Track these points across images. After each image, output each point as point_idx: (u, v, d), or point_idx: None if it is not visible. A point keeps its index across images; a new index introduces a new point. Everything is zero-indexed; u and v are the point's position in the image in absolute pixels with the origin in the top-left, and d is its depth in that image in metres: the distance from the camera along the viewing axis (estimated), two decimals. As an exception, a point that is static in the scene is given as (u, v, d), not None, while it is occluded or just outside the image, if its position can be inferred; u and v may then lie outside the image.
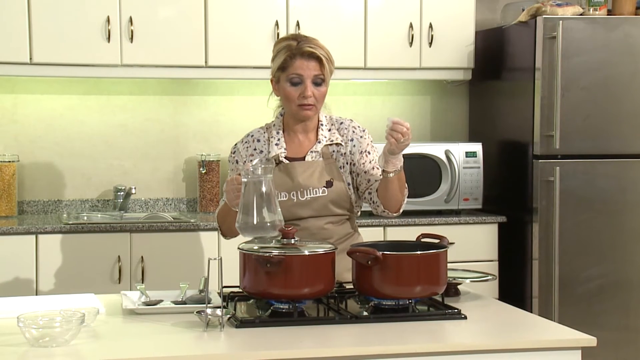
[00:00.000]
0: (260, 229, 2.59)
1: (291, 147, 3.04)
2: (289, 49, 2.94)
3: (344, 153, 3.04)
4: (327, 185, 2.99)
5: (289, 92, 2.96)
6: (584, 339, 2.43)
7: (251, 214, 2.58)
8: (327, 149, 3.03)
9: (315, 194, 2.98)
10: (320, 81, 2.96)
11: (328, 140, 3.03)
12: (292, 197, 2.97)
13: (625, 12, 4.66)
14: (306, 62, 2.93)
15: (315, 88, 2.95)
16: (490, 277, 2.98)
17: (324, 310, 2.64)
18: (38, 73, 4.46)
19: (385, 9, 4.75)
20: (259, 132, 3.09)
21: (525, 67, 4.63)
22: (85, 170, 4.82)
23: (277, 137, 3.04)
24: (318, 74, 2.94)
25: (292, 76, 2.94)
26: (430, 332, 2.49)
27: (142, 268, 4.28)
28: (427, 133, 5.23)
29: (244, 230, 2.63)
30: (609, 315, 4.58)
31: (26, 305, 2.68)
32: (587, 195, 4.56)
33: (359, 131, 3.07)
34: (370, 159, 3.05)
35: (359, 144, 3.05)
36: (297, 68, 2.93)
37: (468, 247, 4.58)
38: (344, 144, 3.04)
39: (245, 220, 2.60)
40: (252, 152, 3.05)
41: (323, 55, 2.94)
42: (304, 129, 3.04)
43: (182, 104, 4.92)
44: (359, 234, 3.14)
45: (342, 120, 3.09)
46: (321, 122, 3.06)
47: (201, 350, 2.34)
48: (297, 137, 3.05)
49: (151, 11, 4.48)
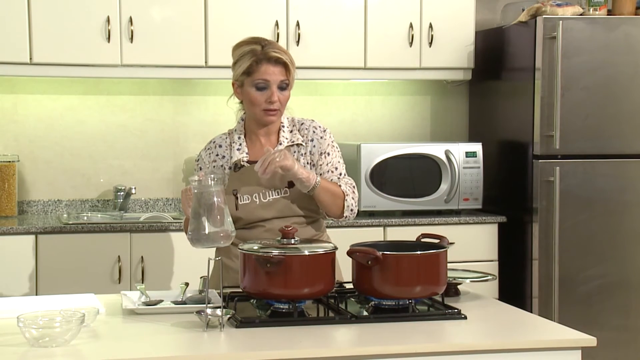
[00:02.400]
0: (208, 240, 2.55)
1: (253, 150, 3.04)
2: (254, 54, 2.94)
3: (304, 153, 3.04)
4: (289, 186, 2.98)
5: (255, 97, 2.96)
6: (584, 339, 2.43)
7: (200, 225, 2.55)
8: (288, 150, 3.02)
9: (277, 195, 2.99)
10: (285, 86, 2.97)
11: (289, 142, 3.03)
12: (254, 200, 2.98)
13: (625, 12, 4.66)
14: (272, 67, 2.93)
15: (280, 93, 2.96)
16: (490, 277, 2.98)
17: (324, 310, 2.65)
18: (38, 73, 4.46)
19: (385, 9, 4.75)
20: (220, 138, 3.10)
21: (525, 67, 4.63)
22: (85, 170, 4.82)
23: (239, 142, 3.04)
24: (284, 78, 2.95)
25: (258, 81, 2.94)
26: (430, 332, 2.49)
27: (142, 268, 4.28)
28: (427, 133, 5.23)
29: (193, 241, 2.58)
30: (609, 315, 4.58)
31: (26, 305, 2.68)
32: (587, 195, 4.56)
33: (319, 131, 3.07)
34: (328, 161, 3.05)
35: (318, 144, 3.05)
36: (263, 73, 2.93)
37: (468, 247, 4.58)
38: (304, 144, 3.04)
39: (194, 231, 2.56)
40: (214, 158, 3.06)
41: (288, 60, 2.95)
42: (265, 132, 3.05)
43: (182, 104, 4.92)
44: (327, 235, 3.14)
45: (303, 121, 3.09)
46: (282, 124, 3.06)
47: (201, 350, 2.34)
48: (258, 140, 3.05)
49: (151, 11, 4.48)
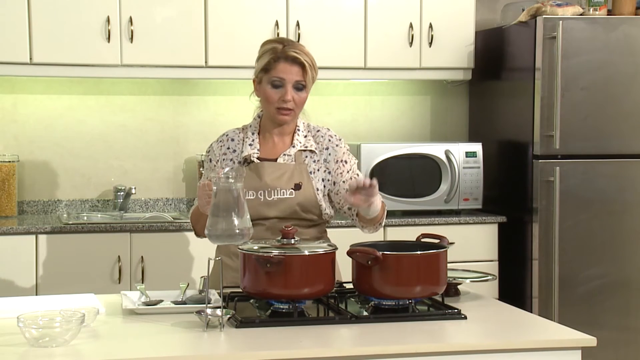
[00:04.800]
0: (228, 236, 2.54)
1: (265, 148, 3.05)
2: (274, 52, 2.96)
3: (316, 160, 3.03)
4: (296, 188, 2.98)
5: (269, 94, 2.97)
6: (584, 339, 2.43)
7: (220, 221, 2.53)
8: (300, 154, 3.02)
9: (282, 195, 2.98)
10: (301, 87, 2.97)
11: (302, 146, 3.03)
12: (259, 197, 2.97)
13: (625, 12, 4.66)
14: (289, 66, 2.94)
15: (295, 93, 2.96)
16: (490, 277, 2.98)
17: (324, 310, 2.65)
18: (38, 73, 4.46)
19: (385, 9, 4.74)
20: (234, 132, 3.11)
21: (525, 67, 4.63)
22: (85, 170, 4.82)
23: (252, 138, 3.05)
24: (300, 79, 2.95)
25: (274, 79, 2.96)
26: (430, 332, 2.49)
27: (142, 268, 4.28)
28: (427, 133, 5.23)
29: (212, 237, 2.56)
30: (609, 315, 4.58)
31: (26, 305, 2.68)
32: (587, 195, 4.56)
33: (335, 140, 3.07)
34: (348, 169, 3.04)
35: (334, 152, 3.04)
36: (280, 71, 2.95)
37: (468, 247, 4.58)
38: (317, 152, 3.04)
39: (214, 227, 2.54)
40: (225, 150, 3.06)
41: (307, 61, 2.95)
42: (280, 132, 3.05)
43: (182, 104, 4.92)
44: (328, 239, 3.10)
45: (319, 129, 3.09)
46: (298, 128, 3.06)
47: (201, 350, 2.34)
48: (272, 139, 3.06)
49: (151, 11, 4.48)
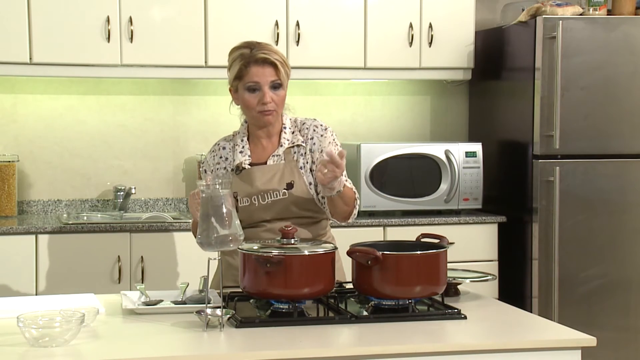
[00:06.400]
0: (217, 243, 2.52)
1: (255, 153, 3.05)
2: (243, 57, 2.96)
3: (303, 153, 3.04)
4: (288, 188, 2.98)
5: (248, 100, 2.97)
6: (584, 339, 2.43)
7: (210, 229, 2.51)
8: (289, 152, 3.03)
9: (275, 197, 2.98)
10: (277, 85, 2.97)
11: (290, 143, 3.04)
12: (253, 202, 2.98)
13: (625, 12, 4.66)
14: (261, 68, 2.94)
15: (273, 93, 2.96)
16: (490, 277, 2.98)
17: (324, 310, 2.64)
18: (38, 73, 4.46)
19: (385, 8, 4.74)
20: (225, 141, 3.12)
21: (525, 67, 4.63)
22: (85, 170, 4.82)
23: (242, 145, 3.06)
24: (274, 79, 2.96)
25: (249, 84, 2.96)
26: (430, 332, 2.48)
27: (142, 268, 4.28)
28: (427, 133, 5.23)
29: (203, 245, 2.54)
30: (609, 315, 4.58)
31: (26, 305, 2.68)
32: (587, 195, 4.56)
33: (320, 130, 3.07)
34: None
35: (318, 142, 3.04)
36: (253, 75, 2.94)
37: (468, 247, 4.58)
38: (304, 144, 3.04)
39: (203, 235, 2.52)
40: (218, 160, 3.08)
41: (277, 59, 2.95)
42: (267, 134, 3.05)
43: (182, 104, 4.92)
44: (332, 236, 3.13)
45: (305, 121, 3.09)
46: (284, 126, 3.06)
47: (201, 350, 2.34)
48: (260, 142, 3.06)
49: (151, 11, 4.48)
